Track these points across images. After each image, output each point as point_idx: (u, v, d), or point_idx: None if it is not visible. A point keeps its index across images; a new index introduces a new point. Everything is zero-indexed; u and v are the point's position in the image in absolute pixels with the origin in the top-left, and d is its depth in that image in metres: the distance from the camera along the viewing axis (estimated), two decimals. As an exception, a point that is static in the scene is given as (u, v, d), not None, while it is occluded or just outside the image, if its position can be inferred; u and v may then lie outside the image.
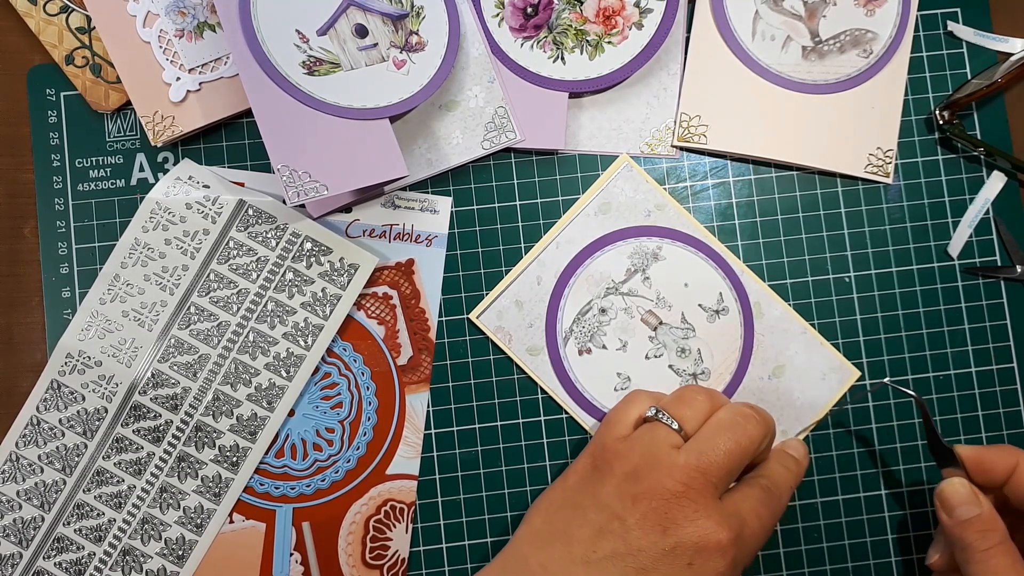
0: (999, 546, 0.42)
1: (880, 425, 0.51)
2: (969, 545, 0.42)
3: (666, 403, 0.44)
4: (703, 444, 0.42)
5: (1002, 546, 0.42)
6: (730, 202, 0.52)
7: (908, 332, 0.51)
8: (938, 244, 0.52)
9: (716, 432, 0.42)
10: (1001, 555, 0.41)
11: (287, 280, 0.49)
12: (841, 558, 0.50)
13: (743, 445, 0.42)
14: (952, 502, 0.43)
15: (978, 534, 0.42)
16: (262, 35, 0.47)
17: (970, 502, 0.43)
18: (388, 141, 0.47)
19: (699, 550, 0.39)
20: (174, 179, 0.50)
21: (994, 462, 0.44)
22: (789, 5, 0.51)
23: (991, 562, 0.41)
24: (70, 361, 0.49)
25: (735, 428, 0.42)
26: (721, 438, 0.42)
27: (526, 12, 0.51)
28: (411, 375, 0.50)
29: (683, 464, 0.41)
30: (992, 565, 0.41)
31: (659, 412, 0.43)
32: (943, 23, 0.53)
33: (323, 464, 0.49)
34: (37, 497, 0.48)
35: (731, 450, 0.41)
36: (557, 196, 0.51)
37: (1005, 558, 0.41)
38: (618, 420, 0.45)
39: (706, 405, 0.44)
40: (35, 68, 0.51)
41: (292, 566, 0.49)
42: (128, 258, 0.49)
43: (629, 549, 0.39)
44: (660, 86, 0.52)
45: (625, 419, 0.45)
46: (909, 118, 0.52)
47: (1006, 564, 0.41)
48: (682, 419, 0.43)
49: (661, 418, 0.43)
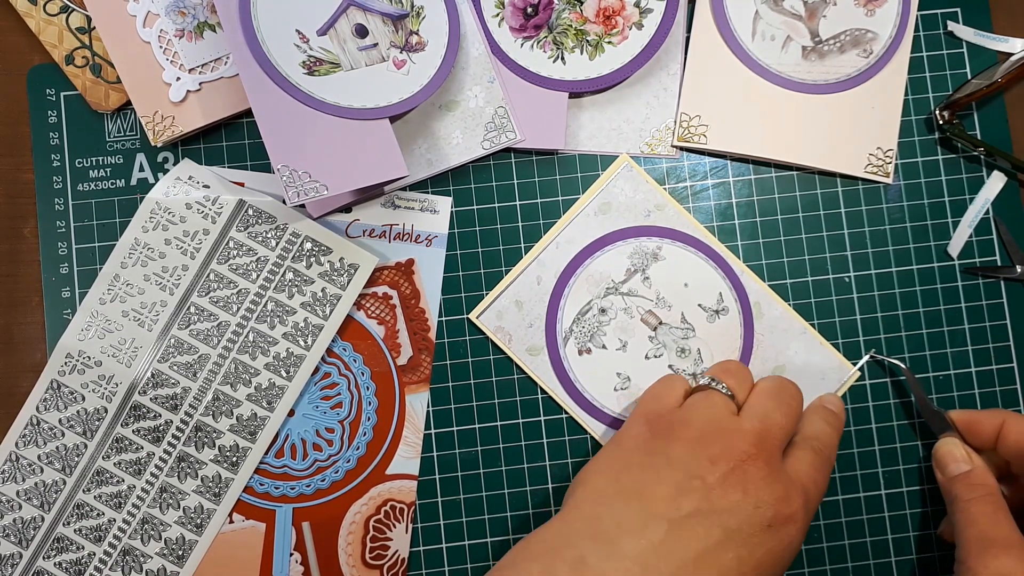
0: (984, 497, 0.43)
1: (880, 425, 0.51)
2: (956, 497, 0.44)
3: (714, 373, 0.45)
4: (760, 410, 0.42)
5: (987, 497, 0.43)
6: (730, 202, 0.52)
7: (908, 332, 0.51)
8: (938, 244, 0.52)
9: (768, 398, 0.43)
10: (984, 504, 0.42)
11: (287, 280, 0.49)
12: (841, 558, 0.50)
13: (793, 408, 0.43)
14: (945, 460, 0.45)
15: (965, 487, 0.44)
16: (262, 35, 0.47)
17: (961, 460, 0.45)
18: (388, 141, 0.47)
19: (777, 513, 0.39)
20: (174, 179, 0.50)
21: (982, 423, 0.46)
22: (789, 5, 0.51)
23: (973, 509, 0.42)
24: (70, 361, 0.49)
25: (781, 394, 0.43)
26: (773, 403, 0.43)
27: (526, 12, 0.51)
28: (411, 375, 0.50)
29: (749, 428, 0.41)
30: (974, 512, 0.42)
31: (713, 380, 0.44)
32: (943, 23, 0.53)
33: (323, 464, 0.49)
34: (37, 497, 0.48)
35: (785, 413, 0.42)
36: (557, 196, 0.51)
37: (986, 506, 0.42)
38: (667, 392, 0.45)
39: (749, 376, 0.45)
40: (35, 68, 0.51)
41: (292, 566, 0.49)
42: (128, 258, 0.49)
43: (712, 508, 0.39)
44: (660, 86, 0.52)
45: (673, 392, 0.45)
46: (909, 118, 0.52)
47: (987, 512, 0.42)
48: (732, 388, 0.44)
49: (715, 386, 0.44)
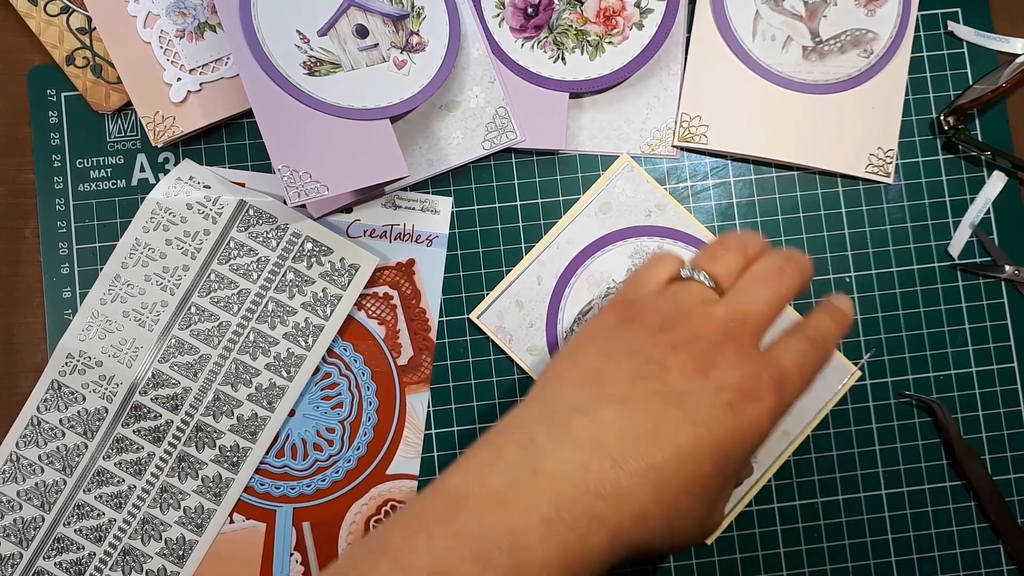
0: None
1: (880, 425, 0.51)
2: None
3: (698, 261, 0.42)
4: (740, 295, 0.40)
5: None
6: (731, 202, 0.52)
7: (908, 332, 0.51)
8: (938, 244, 0.52)
9: (753, 284, 0.40)
10: None
11: (288, 280, 0.49)
12: (841, 558, 0.50)
13: (781, 293, 0.40)
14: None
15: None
16: (262, 35, 0.47)
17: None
18: (389, 141, 0.47)
19: (740, 393, 0.37)
20: (175, 179, 0.50)
21: None
22: (789, 5, 0.51)
23: None
24: (71, 361, 0.49)
25: (772, 278, 0.40)
26: (758, 288, 0.40)
27: (526, 12, 0.51)
28: (411, 375, 0.50)
29: (722, 316, 0.38)
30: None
31: (694, 271, 0.41)
32: (943, 23, 0.53)
33: (323, 464, 0.49)
34: (37, 497, 0.48)
35: (769, 299, 0.39)
36: (557, 196, 0.51)
37: None
38: (647, 278, 0.41)
39: (740, 259, 0.41)
40: (36, 68, 0.51)
41: (292, 566, 0.49)
42: (129, 258, 0.49)
43: (669, 391, 0.37)
44: (661, 86, 0.52)
45: (654, 277, 0.41)
46: (910, 118, 0.52)
47: None
48: (717, 277, 0.40)
49: (696, 276, 0.40)
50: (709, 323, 0.38)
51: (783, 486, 0.50)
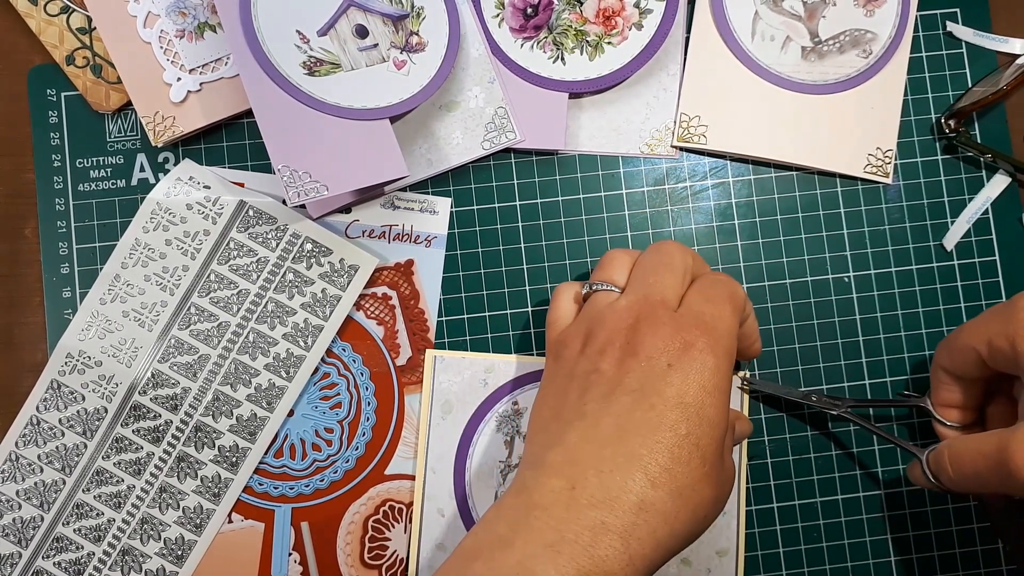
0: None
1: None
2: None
3: (594, 276, 0.45)
4: (635, 284, 0.42)
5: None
6: (729, 202, 0.52)
7: (908, 332, 0.51)
8: (937, 244, 0.52)
9: (643, 270, 0.43)
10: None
11: (287, 281, 0.49)
12: (841, 558, 0.50)
13: (673, 266, 0.42)
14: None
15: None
16: (262, 35, 0.47)
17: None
18: (388, 141, 0.47)
19: (670, 352, 0.39)
20: (175, 179, 0.50)
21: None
22: (789, 5, 0.51)
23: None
24: (70, 361, 0.49)
25: (657, 258, 0.43)
26: (648, 271, 0.42)
27: (526, 13, 0.51)
28: (410, 375, 0.50)
29: (626, 304, 0.41)
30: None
31: (592, 285, 0.44)
32: (943, 23, 0.53)
33: (322, 464, 0.49)
34: (37, 497, 0.48)
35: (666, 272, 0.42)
36: (557, 196, 0.51)
37: None
38: (558, 314, 0.45)
39: (628, 260, 0.44)
40: (36, 68, 0.51)
41: (291, 566, 0.49)
42: (128, 258, 0.49)
43: (613, 386, 0.39)
44: (660, 86, 0.52)
45: (563, 308, 0.45)
46: (909, 118, 0.52)
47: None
48: (613, 280, 0.43)
49: (597, 288, 0.43)
50: (619, 316, 0.41)
51: (783, 486, 0.50)
